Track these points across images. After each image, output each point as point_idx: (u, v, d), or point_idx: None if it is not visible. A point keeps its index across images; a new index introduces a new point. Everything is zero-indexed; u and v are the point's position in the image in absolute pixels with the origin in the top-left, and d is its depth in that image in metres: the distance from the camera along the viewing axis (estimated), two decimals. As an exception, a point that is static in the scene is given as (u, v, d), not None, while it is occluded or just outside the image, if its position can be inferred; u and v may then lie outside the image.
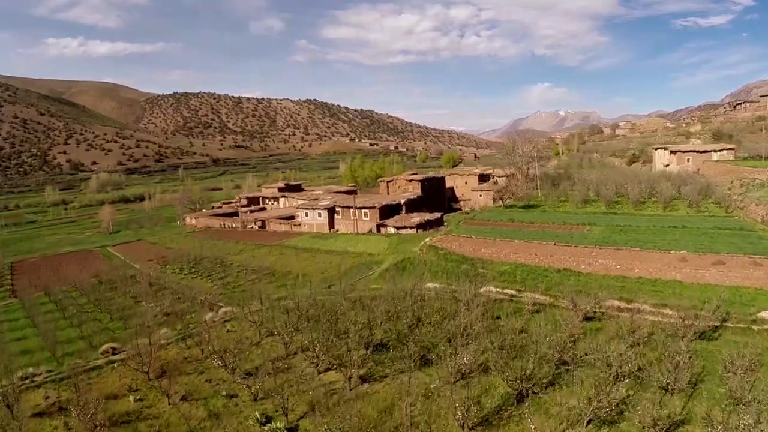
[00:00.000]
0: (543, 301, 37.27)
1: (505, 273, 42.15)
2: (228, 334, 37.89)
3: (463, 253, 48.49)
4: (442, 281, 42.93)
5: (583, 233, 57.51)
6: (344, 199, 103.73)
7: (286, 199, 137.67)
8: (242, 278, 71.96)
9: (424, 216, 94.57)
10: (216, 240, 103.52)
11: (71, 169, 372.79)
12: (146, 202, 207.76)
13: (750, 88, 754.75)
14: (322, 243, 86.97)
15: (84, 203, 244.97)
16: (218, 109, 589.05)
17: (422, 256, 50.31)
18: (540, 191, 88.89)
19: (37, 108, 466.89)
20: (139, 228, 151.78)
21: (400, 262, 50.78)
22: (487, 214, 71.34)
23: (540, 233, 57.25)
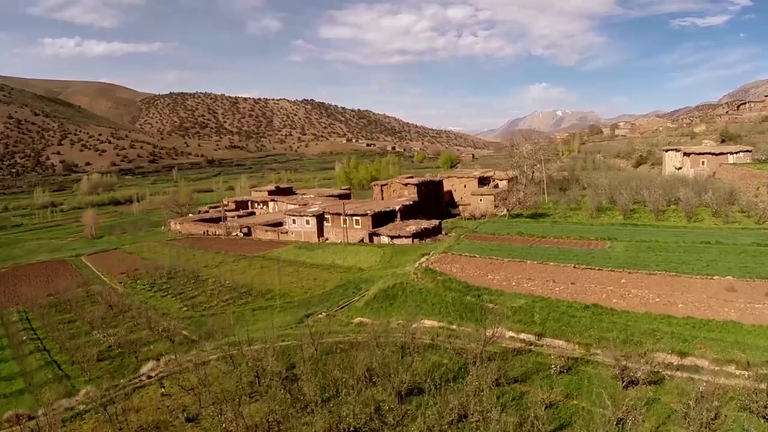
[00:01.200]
0: (572, 352, 28.48)
1: (520, 310, 33.36)
2: (162, 400, 29.03)
3: (467, 279, 39.74)
4: (440, 318, 34.35)
5: (605, 251, 48.83)
6: (334, 205, 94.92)
7: (276, 203, 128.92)
8: (215, 298, 63.14)
9: (420, 224, 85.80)
10: (196, 249, 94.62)
11: (64, 170, 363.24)
12: (134, 205, 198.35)
13: (747, 88, 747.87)
14: (308, 255, 78.19)
15: (73, 206, 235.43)
16: (215, 109, 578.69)
17: (417, 281, 41.62)
18: (547, 197, 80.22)
19: (31, 108, 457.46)
20: (122, 234, 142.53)
21: (390, 288, 42.03)
22: (492, 226, 62.51)
23: (555, 251, 48.54)
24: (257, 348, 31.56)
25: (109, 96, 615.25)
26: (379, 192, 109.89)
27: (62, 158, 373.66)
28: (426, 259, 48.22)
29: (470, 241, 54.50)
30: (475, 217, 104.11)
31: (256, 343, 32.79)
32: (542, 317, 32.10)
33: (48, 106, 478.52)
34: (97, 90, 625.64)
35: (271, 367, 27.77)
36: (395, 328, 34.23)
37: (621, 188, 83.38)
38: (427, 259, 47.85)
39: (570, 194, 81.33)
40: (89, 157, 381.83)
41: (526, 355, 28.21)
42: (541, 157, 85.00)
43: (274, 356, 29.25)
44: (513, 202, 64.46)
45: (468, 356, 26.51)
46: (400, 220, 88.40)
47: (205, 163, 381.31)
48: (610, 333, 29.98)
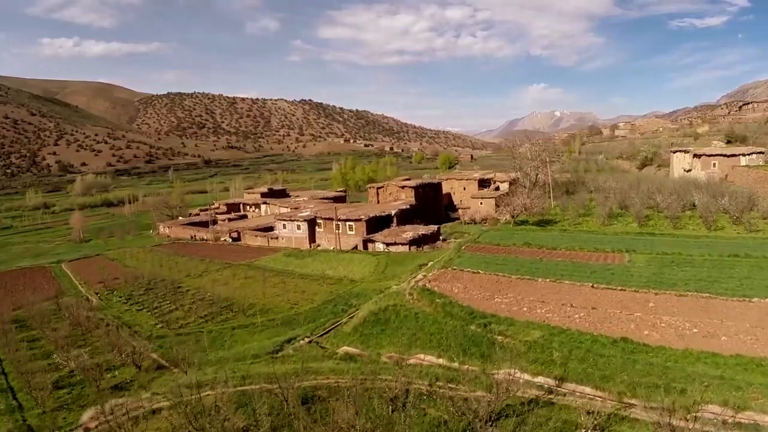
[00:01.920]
0: (602, 404, 22.66)
1: (535, 345, 27.45)
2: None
3: (470, 302, 33.96)
4: (440, 352, 28.60)
5: (625, 266, 43.11)
6: (327, 210, 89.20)
7: (268, 206, 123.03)
8: (193, 313, 57.32)
9: (417, 229, 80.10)
10: (180, 256, 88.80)
11: (60, 170, 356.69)
12: (126, 206, 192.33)
13: (746, 89, 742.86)
14: (298, 263, 72.42)
15: (65, 207, 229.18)
16: (212, 109, 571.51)
17: (412, 303, 35.86)
18: (553, 201, 74.49)
19: (28, 108, 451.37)
20: (110, 237, 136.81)
21: (382, 310, 36.27)
22: (496, 235, 56.62)
23: (568, 266, 42.83)
24: (218, 393, 25.76)
25: (106, 96, 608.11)
26: (374, 195, 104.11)
27: (58, 158, 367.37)
28: (423, 276, 42.36)
29: (472, 253, 48.70)
30: (476, 221, 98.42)
31: (218, 385, 26.97)
32: (563, 355, 26.27)
33: (45, 106, 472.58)
34: (94, 90, 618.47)
35: (230, 425, 22.00)
36: (386, 365, 28.55)
37: (632, 192, 77.81)
38: (425, 276, 42.00)
39: (578, 199, 75.68)
40: (85, 158, 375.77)
41: (547, 408, 22.38)
42: (546, 158, 79.31)
43: (234, 407, 23.55)
44: (518, 207, 58.59)
45: (474, 413, 20.76)
46: (397, 225, 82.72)
47: (201, 164, 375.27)
48: (646, 377, 24.24)
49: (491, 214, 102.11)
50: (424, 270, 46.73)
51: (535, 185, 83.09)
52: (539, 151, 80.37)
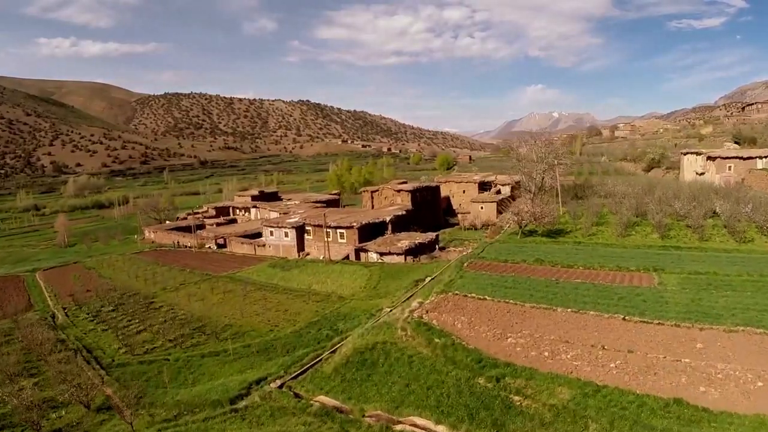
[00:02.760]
0: None
1: (564, 412, 20.35)
2: None
3: (478, 344, 26.58)
4: (439, 417, 21.82)
5: (656, 290, 36.34)
6: (318, 215, 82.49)
7: (258, 210, 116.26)
8: (162, 336, 50.57)
9: (414, 237, 73.46)
10: (160, 265, 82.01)
11: (54, 171, 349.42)
12: (115, 209, 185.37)
13: (744, 90, 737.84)
14: (283, 276, 65.67)
15: (55, 209, 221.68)
16: (209, 109, 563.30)
17: (406, 340, 28.99)
18: (561, 207, 67.77)
19: (23, 108, 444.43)
20: (93, 242, 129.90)
21: (369, 348, 29.48)
22: (502, 248, 49.63)
23: (591, 290, 36.06)
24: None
25: (103, 96, 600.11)
26: (369, 199, 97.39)
27: (53, 159, 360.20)
28: (419, 304, 35.47)
29: (476, 272, 41.81)
30: (476, 227, 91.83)
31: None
32: (602, 429, 19.61)
33: (40, 106, 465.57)
34: (91, 90, 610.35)
35: None
36: (370, 429, 21.93)
37: (647, 198, 71.22)
38: (421, 304, 35.12)
39: (590, 205, 68.99)
40: (80, 158, 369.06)
41: None
42: (554, 161, 72.70)
43: None
44: (527, 217, 51.91)
45: None
46: (392, 232, 76.06)
47: (197, 165, 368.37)
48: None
49: (492, 219, 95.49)
50: (422, 293, 39.82)
51: (541, 189, 76.32)
52: (546, 153, 73.61)
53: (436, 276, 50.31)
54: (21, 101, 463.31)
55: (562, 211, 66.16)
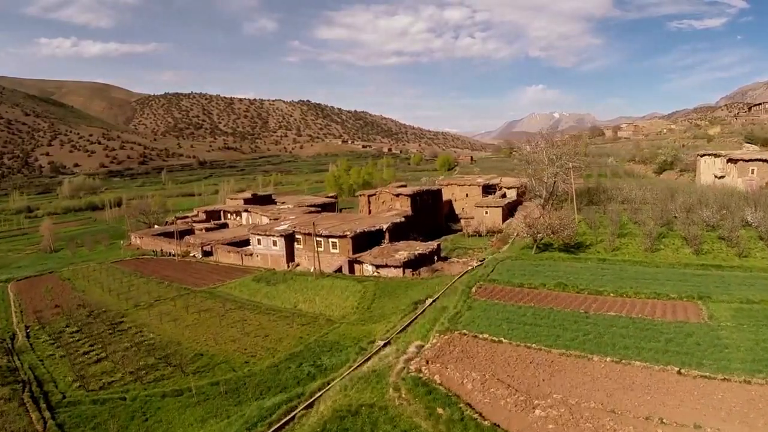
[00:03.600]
0: None
1: None
2: None
3: (495, 418, 19.21)
4: None
5: (707, 325, 29.05)
6: (310, 221, 75.35)
7: (250, 215, 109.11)
8: (123, 367, 43.41)
9: (413, 247, 66.26)
10: (138, 276, 74.87)
11: (51, 171, 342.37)
12: (107, 211, 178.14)
13: (745, 90, 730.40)
14: (267, 292, 58.40)
15: (48, 211, 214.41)
16: (209, 109, 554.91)
17: (399, 405, 21.89)
18: (577, 214, 60.42)
19: (22, 108, 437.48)
20: (78, 248, 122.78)
21: (352, 413, 22.21)
22: (515, 266, 41.96)
23: (629, 326, 28.70)
24: None
25: (103, 96, 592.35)
26: (365, 203, 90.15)
27: (51, 159, 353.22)
28: (417, 349, 28.00)
29: (488, 301, 34.06)
30: (481, 234, 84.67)
31: None
32: None
33: (39, 106, 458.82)
34: (91, 90, 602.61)
35: None
36: None
37: (669, 204, 63.98)
38: (420, 350, 27.63)
39: (608, 213, 61.77)
40: (78, 158, 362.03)
41: None
42: (568, 163, 65.27)
43: None
44: (543, 229, 44.44)
45: None
46: (389, 241, 68.83)
47: (196, 165, 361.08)
48: None
49: (498, 225, 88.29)
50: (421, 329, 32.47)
51: (552, 195, 68.92)
52: (558, 155, 66.09)
53: (438, 298, 43.11)
54: (20, 101, 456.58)
55: (577, 218, 58.90)
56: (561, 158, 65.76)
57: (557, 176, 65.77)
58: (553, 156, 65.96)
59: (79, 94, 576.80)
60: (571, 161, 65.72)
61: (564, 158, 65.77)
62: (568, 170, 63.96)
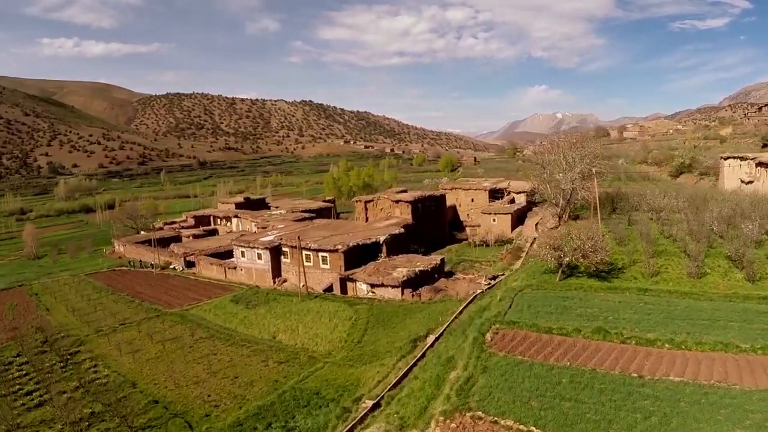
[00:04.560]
0: None
1: None
2: None
3: None
4: None
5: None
6: (301, 231, 67.43)
7: (240, 221, 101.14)
8: (62, 417, 35.54)
9: (413, 262, 58.26)
10: (110, 293, 66.98)
11: (50, 172, 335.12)
12: (97, 214, 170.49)
13: (748, 91, 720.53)
14: (245, 317, 50.34)
15: (41, 213, 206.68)
16: (211, 110, 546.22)
17: None
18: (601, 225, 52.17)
19: (22, 108, 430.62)
20: (60, 255, 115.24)
21: None
22: (538, 299, 33.09)
23: (702, 403, 20.63)
24: None
25: (104, 96, 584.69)
26: (362, 210, 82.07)
27: (50, 160, 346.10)
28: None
29: (507, 357, 24.68)
30: (488, 244, 76.67)
31: None
32: None
33: (39, 106, 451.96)
34: (92, 90, 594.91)
35: None
36: None
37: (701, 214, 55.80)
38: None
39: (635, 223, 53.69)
40: (78, 159, 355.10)
41: None
42: (590, 168, 56.57)
43: None
44: (570, 252, 35.92)
45: None
46: (386, 255, 60.77)
47: (196, 166, 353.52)
48: None
49: (507, 233, 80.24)
50: (420, 390, 24.49)
51: (569, 202, 60.64)
52: (582, 157, 57.18)
53: (442, 334, 35.14)
54: (20, 101, 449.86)
55: (602, 230, 50.73)
56: (583, 161, 57.35)
57: (576, 182, 57.49)
58: (574, 159, 57.56)
59: (80, 95, 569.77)
60: (594, 165, 57.32)
61: (586, 161, 57.40)
62: (591, 176, 55.53)
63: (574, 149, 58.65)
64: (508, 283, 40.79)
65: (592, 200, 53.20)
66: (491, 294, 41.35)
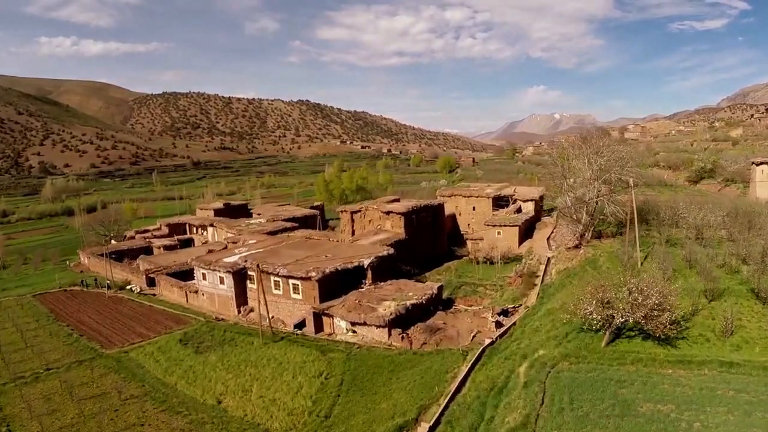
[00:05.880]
0: None
1: None
2: None
3: None
4: None
5: None
6: (269, 253, 56.50)
7: (216, 230, 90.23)
8: None
9: (405, 292, 47.24)
10: (52, 320, 55.88)
11: (41, 172, 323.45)
12: (76, 218, 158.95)
13: (747, 92, 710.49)
14: (189, 367, 39.19)
15: (23, 216, 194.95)
16: (207, 109, 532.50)
17: None
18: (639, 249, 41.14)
19: (16, 107, 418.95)
20: (25, 265, 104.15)
21: None
22: (580, 386, 20.72)
23: None
24: None
25: (101, 95, 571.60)
26: (348, 222, 70.98)
27: (41, 159, 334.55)
28: None
29: None
30: (493, 261, 65.79)
31: None
32: None
33: (33, 105, 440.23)
34: (89, 89, 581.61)
35: None
36: None
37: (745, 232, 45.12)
38: None
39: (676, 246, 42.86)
40: (69, 159, 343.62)
41: None
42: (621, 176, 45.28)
43: None
44: (629, 311, 24.05)
45: None
46: (372, 281, 49.74)
47: (190, 166, 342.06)
48: None
49: (514, 249, 69.30)
50: None
51: (594, 218, 49.61)
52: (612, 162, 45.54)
53: (440, 422, 24.35)
54: (14, 100, 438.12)
55: (639, 259, 39.82)
56: (612, 170, 46.11)
57: (601, 193, 46.35)
58: (600, 165, 46.20)
59: (77, 93, 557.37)
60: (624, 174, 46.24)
61: (616, 170, 46.18)
62: (626, 188, 43.94)
63: (601, 153, 47.40)
64: (532, 342, 29.68)
65: (628, 216, 42.05)
66: (507, 350, 30.48)
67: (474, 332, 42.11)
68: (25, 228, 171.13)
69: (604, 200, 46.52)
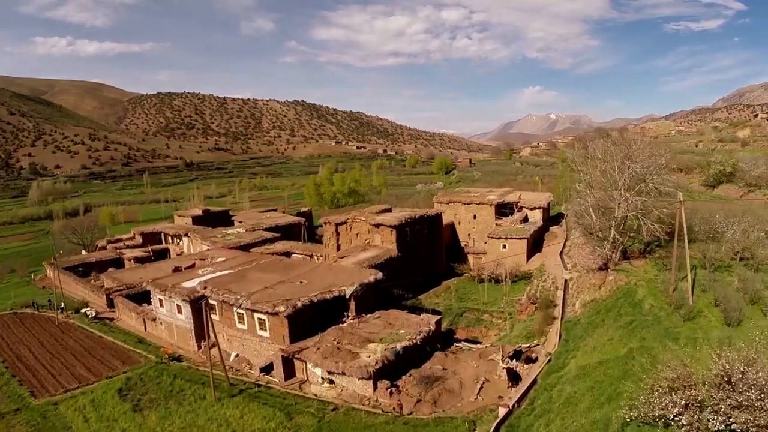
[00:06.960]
0: None
1: None
2: None
3: None
4: None
5: None
6: (234, 278, 47.58)
7: (190, 240, 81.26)
8: None
9: (396, 330, 38.46)
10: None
11: (31, 173, 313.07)
12: (55, 222, 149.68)
13: (743, 92, 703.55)
14: (124, 430, 30.70)
15: (5, 220, 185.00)
16: (202, 109, 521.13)
17: None
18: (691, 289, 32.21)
19: (8, 107, 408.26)
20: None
21: None
22: None
23: None
24: None
25: (95, 95, 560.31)
26: (332, 235, 61.86)
27: (32, 161, 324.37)
28: None
29: None
30: (498, 279, 57.19)
31: None
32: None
33: (26, 105, 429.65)
34: (83, 89, 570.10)
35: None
36: None
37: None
38: None
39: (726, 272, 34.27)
40: (60, 160, 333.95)
41: None
42: (670, 183, 36.40)
43: None
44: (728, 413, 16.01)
45: None
46: (355, 314, 40.86)
47: (182, 167, 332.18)
48: None
49: (521, 265, 60.59)
50: None
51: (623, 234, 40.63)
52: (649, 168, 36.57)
53: None
54: (6, 100, 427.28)
55: (691, 297, 31.16)
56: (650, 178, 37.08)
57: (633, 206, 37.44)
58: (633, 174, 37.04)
59: (71, 93, 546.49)
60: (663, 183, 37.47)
61: (653, 177, 37.27)
62: (674, 203, 34.47)
63: (635, 159, 38.49)
64: (567, 425, 20.81)
65: (675, 236, 33.19)
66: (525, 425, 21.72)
67: (480, 382, 33.48)
68: (6, 233, 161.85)
69: (639, 215, 37.60)
